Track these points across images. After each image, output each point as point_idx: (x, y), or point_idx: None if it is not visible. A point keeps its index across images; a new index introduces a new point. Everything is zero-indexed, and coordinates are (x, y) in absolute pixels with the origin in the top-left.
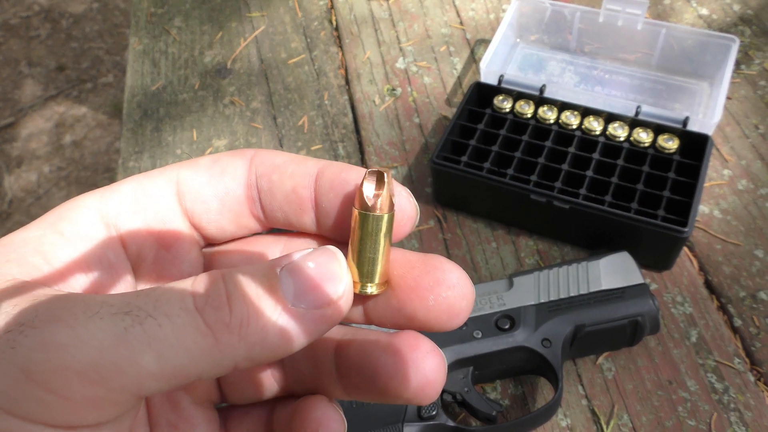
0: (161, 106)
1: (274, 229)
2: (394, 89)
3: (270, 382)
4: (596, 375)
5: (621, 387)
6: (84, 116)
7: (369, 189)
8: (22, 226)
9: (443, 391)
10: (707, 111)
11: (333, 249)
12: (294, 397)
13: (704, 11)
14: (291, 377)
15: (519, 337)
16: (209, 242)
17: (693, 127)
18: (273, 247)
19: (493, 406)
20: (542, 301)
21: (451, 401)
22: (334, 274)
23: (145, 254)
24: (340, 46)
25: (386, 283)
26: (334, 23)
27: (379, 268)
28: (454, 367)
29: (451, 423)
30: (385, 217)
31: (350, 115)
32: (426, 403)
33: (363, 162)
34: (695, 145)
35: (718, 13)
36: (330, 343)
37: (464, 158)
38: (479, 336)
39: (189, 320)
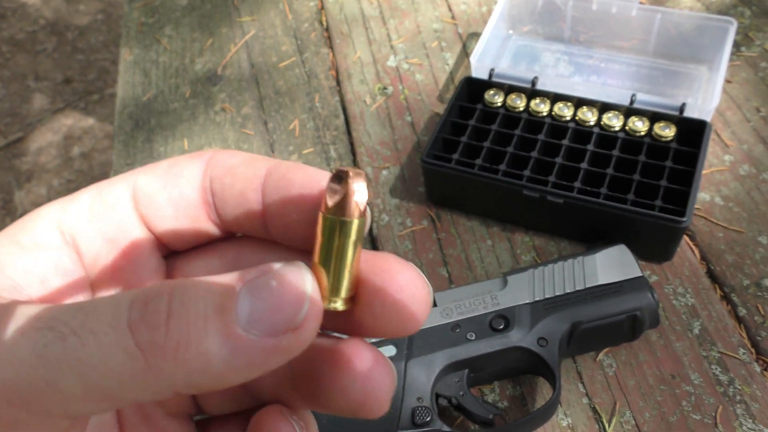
0: (152, 116)
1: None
2: (385, 88)
3: (241, 393)
4: (596, 372)
5: (622, 383)
6: (91, 128)
7: (335, 189)
8: None
9: (438, 396)
10: (706, 96)
11: (302, 267)
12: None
13: None
14: (260, 387)
15: (514, 338)
16: (170, 249)
17: (691, 113)
18: (239, 253)
19: (489, 409)
20: (537, 299)
21: (446, 406)
22: (297, 298)
23: (101, 262)
24: (331, 47)
25: (353, 298)
26: (325, 24)
27: (345, 282)
28: (448, 370)
29: (446, 428)
30: (355, 222)
31: (341, 117)
32: (373, 417)
33: (355, 164)
34: (693, 132)
35: None
36: None
37: (455, 156)
38: (473, 338)
39: (116, 339)
